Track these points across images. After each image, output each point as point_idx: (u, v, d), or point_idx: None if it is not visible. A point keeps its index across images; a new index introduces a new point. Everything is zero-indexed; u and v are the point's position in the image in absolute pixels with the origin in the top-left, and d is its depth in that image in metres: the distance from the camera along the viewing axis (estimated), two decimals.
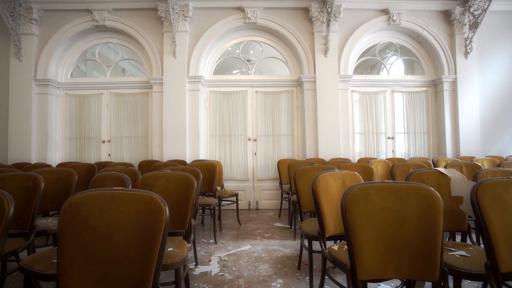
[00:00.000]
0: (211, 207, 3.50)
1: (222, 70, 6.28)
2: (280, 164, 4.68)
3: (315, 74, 5.06)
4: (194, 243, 2.80)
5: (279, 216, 4.60)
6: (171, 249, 1.84)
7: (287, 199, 4.29)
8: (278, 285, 2.33)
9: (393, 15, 5.13)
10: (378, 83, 5.47)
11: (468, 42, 5.12)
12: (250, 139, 5.32)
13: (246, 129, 5.31)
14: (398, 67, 6.15)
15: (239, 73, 7.27)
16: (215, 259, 2.89)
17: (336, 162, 4.03)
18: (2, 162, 4.83)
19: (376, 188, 1.36)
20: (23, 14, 4.87)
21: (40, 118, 4.95)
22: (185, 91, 4.96)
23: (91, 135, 5.24)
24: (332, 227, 1.96)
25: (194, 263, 2.75)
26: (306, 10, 5.11)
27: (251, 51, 6.19)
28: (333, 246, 1.83)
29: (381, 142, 5.41)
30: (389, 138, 5.43)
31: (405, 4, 5.13)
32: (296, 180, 2.66)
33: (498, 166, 3.78)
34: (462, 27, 5.15)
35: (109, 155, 5.23)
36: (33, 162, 4.76)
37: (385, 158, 5.30)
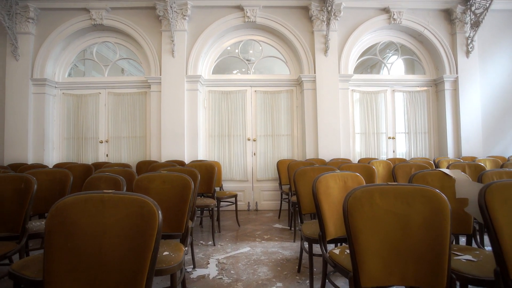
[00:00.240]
0: (209, 209, 3.44)
1: (222, 70, 6.22)
2: (279, 164, 4.62)
3: (315, 73, 5.00)
4: (191, 245, 2.74)
5: (279, 217, 4.54)
6: (166, 253, 1.78)
7: (287, 200, 4.22)
8: None
9: (393, 14, 5.07)
10: (378, 82, 5.41)
11: (469, 41, 5.06)
12: (249, 139, 5.25)
13: (246, 129, 5.25)
14: (398, 66, 6.09)
15: (238, 73, 7.21)
16: (213, 261, 2.83)
17: (336, 163, 3.98)
18: None
19: (380, 190, 1.30)
20: (19, 12, 4.81)
21: (37, 118, 4.89)
22: (183, 90, 4.90)
23: (89, 135, 5.17)
24: (333, 230, 1.90)
25: (192, 266, 2.69)
26: (306, 9, 5.05)
27: (251, 51, 6.13)
28: (334, 249, 1.78)
29: (381, 142, 5.35)
30: (389, 138, 5.37)
31: (406, 2, 5.07)
32: (296, 181, 2.61)
33: (501, 166, 3.72)
34: (464, 26, 5.09)
35: (107, 155, 5.16)
36: (29, 162, 4.70)
37: (385, 158, 5.24)
